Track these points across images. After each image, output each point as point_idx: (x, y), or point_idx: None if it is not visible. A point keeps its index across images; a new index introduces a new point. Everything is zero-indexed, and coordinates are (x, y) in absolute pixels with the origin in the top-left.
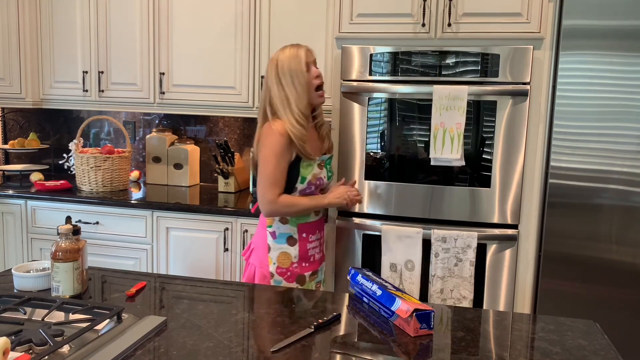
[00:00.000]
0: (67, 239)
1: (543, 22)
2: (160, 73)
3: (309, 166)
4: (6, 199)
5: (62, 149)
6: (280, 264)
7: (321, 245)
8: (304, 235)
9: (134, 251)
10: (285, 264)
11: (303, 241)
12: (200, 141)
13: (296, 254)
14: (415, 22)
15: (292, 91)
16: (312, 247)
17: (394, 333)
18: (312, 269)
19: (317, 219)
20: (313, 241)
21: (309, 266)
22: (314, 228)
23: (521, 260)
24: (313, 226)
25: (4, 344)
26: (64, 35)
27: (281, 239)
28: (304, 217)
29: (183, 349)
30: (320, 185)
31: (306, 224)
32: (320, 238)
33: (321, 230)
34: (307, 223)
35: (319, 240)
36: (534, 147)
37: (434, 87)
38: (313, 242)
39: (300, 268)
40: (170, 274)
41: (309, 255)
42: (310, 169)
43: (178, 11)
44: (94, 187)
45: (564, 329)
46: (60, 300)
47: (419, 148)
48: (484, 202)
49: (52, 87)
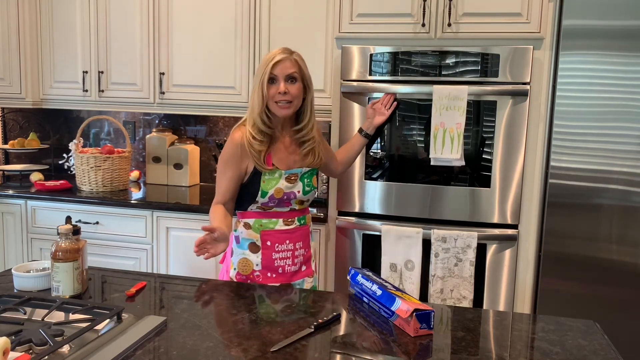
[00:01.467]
0: (67, 239)
1: (543, 22)
2: (160, 73)
3: (272, 180)
4: (6, 199)
5: (62, 148)
6: (241, 270)
7: (296, 257)
8: (268, 243)
9: (134, 251)
10: (246, 271)
11: (267, 249)
12: (200, 141)
13: (258, 262)
14: (415, 22)
15: (253, 98)
16: (280, 257)
17: (394, 333)
18: (282, 281)
19: (287, 228)
20: (281, 251)
21: (276, 277)
22: (282, 237)
23: (521, 260)
24: (281, 235)
25: (4, 344)
26: (64, 35)
27: (243, 244)
28: (268, 224)
29: (183, 349)
30: (291, 199)
31: (270, 232)
32: (294, 250)
33: (299, 241)
34: (272, 231)
35: (292, 251)
36: (534, 147)
37: (434, 87)
38: (281, 253)
39: (264, 278)
40: (170, 274)
41: (275, 266)
42: (274, 182)
43: (178, 11)
44: (94, 187)
45: (564, 329)
46: (60, 300)
47: (419, 148)
48: (484, 202)
49: (52, 87)
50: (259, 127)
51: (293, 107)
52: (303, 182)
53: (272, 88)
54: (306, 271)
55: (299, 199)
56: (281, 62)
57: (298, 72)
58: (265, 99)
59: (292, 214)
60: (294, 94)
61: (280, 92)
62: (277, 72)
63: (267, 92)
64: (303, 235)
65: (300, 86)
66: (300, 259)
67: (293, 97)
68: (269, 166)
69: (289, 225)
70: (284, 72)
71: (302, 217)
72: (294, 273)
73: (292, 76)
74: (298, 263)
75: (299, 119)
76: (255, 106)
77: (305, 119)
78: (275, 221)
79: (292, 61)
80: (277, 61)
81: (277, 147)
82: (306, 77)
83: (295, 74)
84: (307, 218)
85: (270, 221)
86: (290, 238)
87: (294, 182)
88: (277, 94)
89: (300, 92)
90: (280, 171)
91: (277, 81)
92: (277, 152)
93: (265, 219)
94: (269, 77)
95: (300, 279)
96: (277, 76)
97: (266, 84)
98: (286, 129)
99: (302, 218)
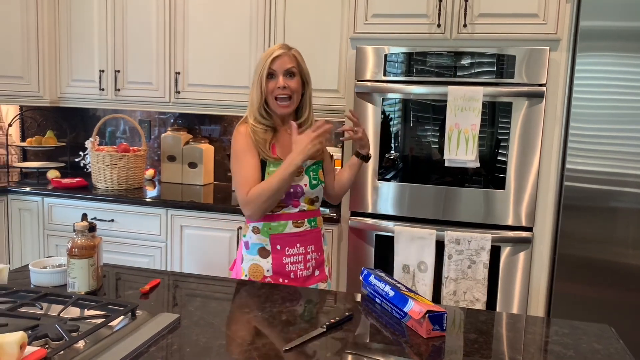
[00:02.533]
0: (83, 236)
1: (560, 23)
2: (175, 72)
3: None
4: (23, 195)
5: (78, 146)
6: (252, 276)
7: (308, 261)
8: (277, 247)
9: (149, 249)
10: (257, 277)
11: (277, 254)
12: (214, 140)
13: (269, 267)
14: (430, 23)
15: (252, 92)
16: (292, 261)
17: (406, 334)
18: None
19: (297, 230)
20: (292, 255)
21: (288, 283)
22: (292, 241)
23: (535, 263)
24: (291, 239)
25: (21, 338)
26: (82, 35)
27: (253, 249)
28: (277, 227)
29: (196, 346)
30: (299, 192)
31: (280, 235)
32: (306, 253)
33: (310, 244)
34: (282, 234)
35: (304, 255)
36: (549, 149)
37: (449, 87)
38: (292, 257)
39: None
40: (184, 272)
41: (286, 271)
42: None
43: (194, 11)
44: (109, 185)
45: (578, 333)
46: (75, 296)
47: (433, 149)
48: (498, 204)
49: (69, 86)
50: (260, 121)
51: (293, 104)
52: (309, 175)
53: (271, 83)
54: (319, 276)
55: (308, 196)
56: (280, 57)
57: (296, 67)
58: (264, 94)
59: (301, 215)
60: (293, 88)
61: (279, 86)
62: (275, 67)
63: (265, 87)
64: (314, 238)
65: (299, 81)
66: (312, 263)
67: (292, 91)
68: (274, 155)
69: (299, 228)
70: (282, 67)
71: (313, 219)
72: (306, 278)
73: (290, 71)
74: (310, 267)
75: (298, 114)
76: (254, 101)
77: (304, 114)
78: (285, 223)
79: (291, 56)
80: (275, 56)
81: (281, 139)
82: (304, 72)
83: (294, 69)
84: (318, 220)
85: (279, 224)
86: (301, 241)
87: (300, 175)
88: (277, 89)
89: (299, 86)
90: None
91: (276, 76)
92: (281, 144)
93: (274, 221)
94: (268, 72)
95: (313, 284)
96: (276, 71)
97: (265, 79)
98: (287, 124)
99: (313, 220)
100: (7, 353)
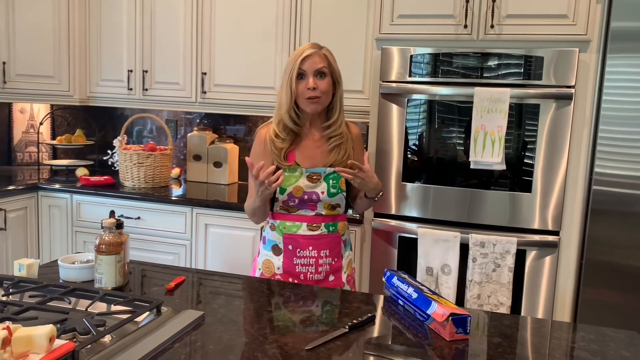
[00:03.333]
0: (110, 233)
1: (590, 24)
2: (202, 73)
3: (291, 177)
4: (53, 192)
5: (106, 145)
6: (264, 271)
7: (321, 266)
8: (289, 247)
9: (174, 246)
10: (268, 273)
11: (289, 253)
12: (239, 140)
13: (279, 265)
14: (457, 24)
15: (281, 95)
16: (302, 263)
17: (429, 336)
18: None
19: (312, 233)
20: (303, 257)
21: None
22: (305, 243)
23: (562, 268)
24: (304, 241)
25: (50, 332)
26: (111, 36)
27: (268, 245)
28: (291, 228)
29: (219, 343)
30: (314, 199)
31: (293, 236)
32: (318, 257)
33: (325, 249)
34: (294, 235)
35: (316, 259)
36: (577, 153)
37: (475, 89)
38: (303, 259)
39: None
40: (208, 270)
41: (296, 272)
42: (293, 180)
43: (221, 13)
44: (136, 183)
45: (605, 340)
46: (103, 291)
47: (458, 151)
48: (524, 207)
49: (99, 85)
50: (286, 124)
51: (322, 103)
52: (328, 182)
53: (301, 84)
54: (334, 282)
55: (325, 202)
56: (310, 56)
57: (327, 67)
58: (293, 95)
59: (317, 218)
60: (323, 89)
61: (309, 87)
62: (305, 67)
63: (295, 88)
64: (331, 243)
65: (330, 81)
66: (325, 267)
67: (322, 92)
68: (290, 162)
69: (314, 231)
70: (312, 67)
71: (333, 223)
72: (318, 282)
73: (321, 71)
74: (323, 272)
75: (328, 114)
76: (283, 103)
77: (334, 115)
78: (299, 225)
79: (321, 56)
80: (305, 56)
81: (303, 144)
82: (336, 72)
83: (325, 69)
84: (339, 226)
85: (293, 224)
86: (315, 245)
87: (317, 182)
88: (307, 90)
89: (329, 87)
90: (301, 169)
91: (306, 77)
92: (302, 149)
93: (289, 221)
94: (298, 72)
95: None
96: (306, 71)
97: (295, 80)
98: (315, 126)
99: (333, 225)
100: (37, 345)
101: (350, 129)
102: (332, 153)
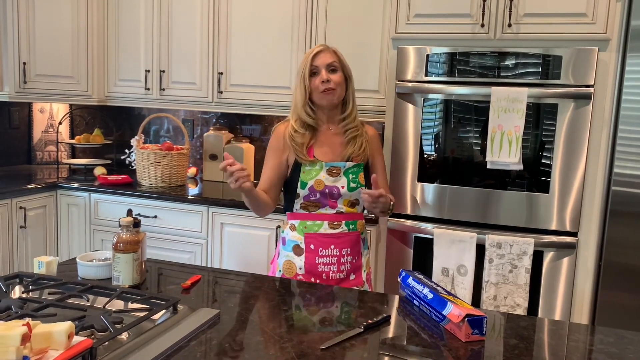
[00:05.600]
0: (128, 231)
1: (610, 23)
2: (218, 73)
3: (312, 171)
4: (72, 191)
5: (124, 144)
6: (286, 272)
7: (342, 264)
8: (311, 247)
9: (190, 245)
10: (290, 274)
11: (311, 253)
12: (255, 140)
13: (301, 265)
14: (474, 23)
15: (296, 93)
16: (325, 262)
17: (444, 337)
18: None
19: (333, 232)
20: (325, 256)
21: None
22: (327, 242)
23: (580, 270)
24: (325, 239)
25: (69, 328)
26: (129, 36)
27: (288, 246)
28: (312, 227)
29: (234, 341)
30: (335, 194)
31: (314, 235)
32: (340, 256)
33: (346, 247)
34: (316, 234)
35: (338, 257)
36: (596, 153)
37: (492, 88)
38: (325, 257)
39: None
40: (224, 269)
41: (319, 271)
42: (314, 173)
43: (237, 13)
44: (153, 182)
45: (624, 342)
46: (120, 289)
47: (474, 151)
48: (541, 208)
49: (116, 85)
50: (303, 120)
51: (337, 95)
52: (347, 177)
53: (315, 80)
54: (355, 280)
55: (346, 198)
56: (321, 52)
57: (338, 62)
58: (307, 91)
59: (338, 216)
60: (336, 81)
61: (322, 80)
62: (318, 63)
63: (309, 85)
64: (351, 241)
65: (342, 75)
66: (347, 266)
67: (336, 84)
68: (310, 157)
69: (335, 229)
70: (324, 62)
71: (353, 222)
72: (340, 280)
73: (332, 65)
74: (345, 270)
75: (342, 108)
76: (298, 101)
77: (349, 108)
78: (320, 224)
79: (331, 52)
80: (316, 52)
81: (321, 139)
82: (346, 68)
83: (336, 63)
84: (358, 224)
85: (314, 223)
86: (336, 243)
87: (337, 176)
88: (321, 84)
89: (342, 80)
90: (321, 163)
91: (319, 72)
92: (320, 144)
93: (310, 220)
94: (310, 70)
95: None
96: (319, 67)
97: (308, 77)
98: (331, 121)
99: (352, 223)
100: (56, 341)
101: (366, 130)
102: (349, 145)
